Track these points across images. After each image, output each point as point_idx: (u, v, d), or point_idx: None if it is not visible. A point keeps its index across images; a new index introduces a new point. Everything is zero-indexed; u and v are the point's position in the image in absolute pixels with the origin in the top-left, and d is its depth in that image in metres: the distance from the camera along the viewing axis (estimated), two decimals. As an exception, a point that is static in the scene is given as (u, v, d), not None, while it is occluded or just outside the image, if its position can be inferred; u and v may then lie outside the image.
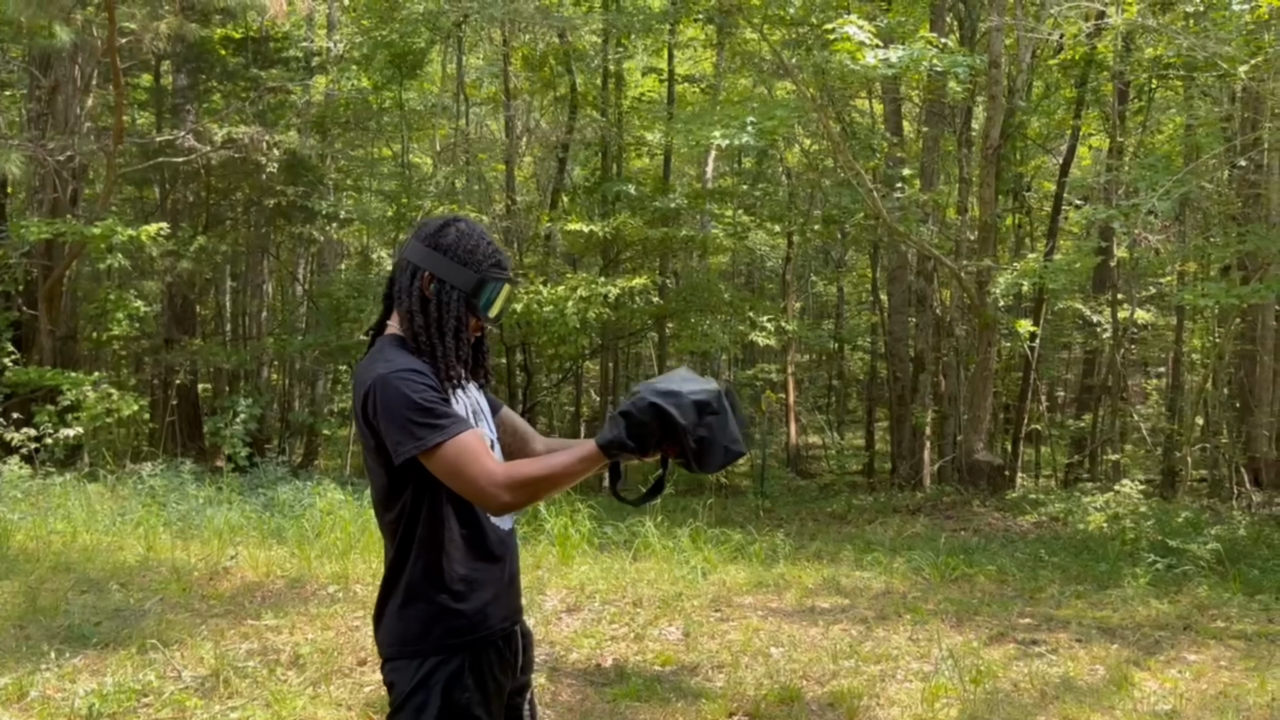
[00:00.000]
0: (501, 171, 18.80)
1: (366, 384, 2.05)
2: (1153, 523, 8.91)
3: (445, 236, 2.16)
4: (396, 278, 2.18)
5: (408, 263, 2.17)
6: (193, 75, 13.15)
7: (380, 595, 2.17)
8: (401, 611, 2.12)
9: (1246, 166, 11.22)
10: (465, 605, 2.12)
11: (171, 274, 11.71)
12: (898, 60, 8.23)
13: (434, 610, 2.10)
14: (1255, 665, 5.28)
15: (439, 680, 2.08)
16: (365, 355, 2.19)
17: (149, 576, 6.43)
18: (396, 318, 2.18)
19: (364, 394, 2.04)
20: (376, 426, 2.03)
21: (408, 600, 2.11)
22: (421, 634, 2.10)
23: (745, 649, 5.41)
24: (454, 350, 2.14)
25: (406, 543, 2.11)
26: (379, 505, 2.16)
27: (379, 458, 2.08)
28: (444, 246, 2.15)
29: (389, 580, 2.15)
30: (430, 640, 2.10)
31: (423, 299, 2.14)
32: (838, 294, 23.93)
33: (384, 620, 2.15)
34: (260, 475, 10.22)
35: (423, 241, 2.17)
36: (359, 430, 2.11)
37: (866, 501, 12.28)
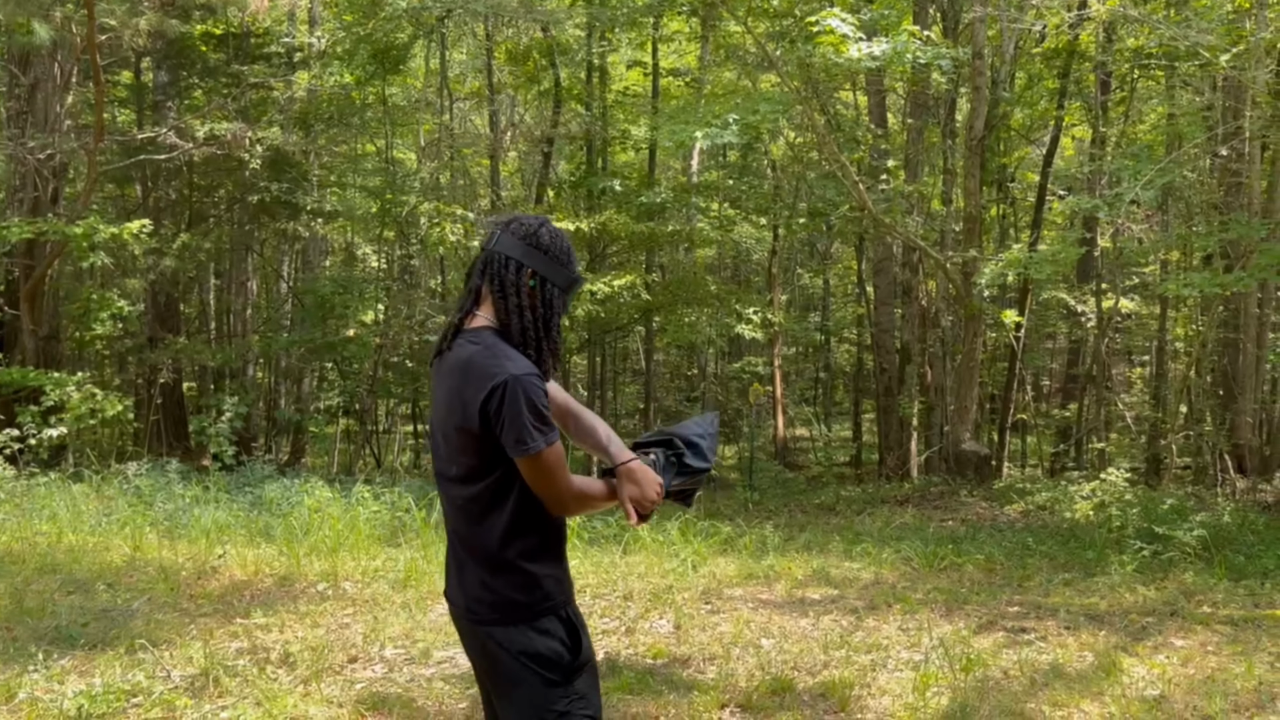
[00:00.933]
0: (486, 167, 18.75)
1: (497, 379, 2.18)
2: (1138, 510, 8.97)
3: (543, 236, 2.32)
4: (494, 272, 2.30)
5: (507, 258, 2.30)
6: (173, 72, 13.04)
7: (461, 561, 2.33)
8: (514, 579, 2.28)
9: (1228, 155, 11.28)
10: (557, 573, 2.34)
11: (154, 272, 11.62)
12: (881, 53, 8.24)
13: (541, 576, 2.30)
14: (1241, 650, 5.32)
15: (559, 630, 2.30)
16: (468, 346, 2.28)
17: (136, 576, 6.39)
18: (488, 309, 2.31)
19: (492, 388, 2.17)
20: (493, 418, 2.18)
21: (522, 568, 2.28)
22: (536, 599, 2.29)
23: (736, 640, 5.42)
24: (557, 344, 2.34)
25: (494, 518, 2.27)
26: (460, 482, 2.30)
27: (477, 442, 2.22)
28: (544, 246, 2.31)
29: (470, 551, 2.30)
30: (540, 601, 2.29)
31: (530, 294, 2.29)
32: (823, 286, 23.98)
33: (472, 588, 2.30)
34: (247, 474, 10.18)
35: (522, 239, 2.31)
36: (461, 412, 2.22)
37: (855, 493, 12.32)
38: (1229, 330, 12.43)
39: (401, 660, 4.94)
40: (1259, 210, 10.78)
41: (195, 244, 11.90)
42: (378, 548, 7.30)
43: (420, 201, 12.94)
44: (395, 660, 4.93)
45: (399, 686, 4.56)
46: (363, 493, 8.55)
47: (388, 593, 6.19)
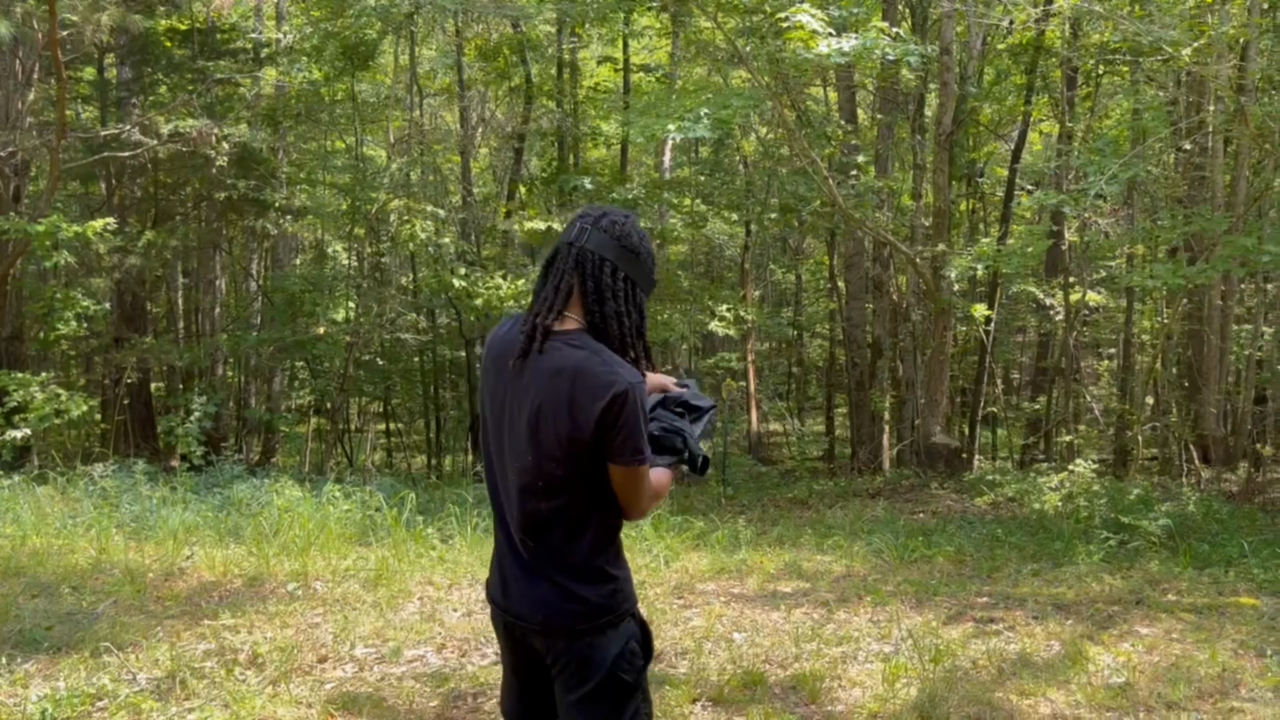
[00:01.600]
0: (457, 163, 18.65)
1: (618, 387, 2.13)
2: (1105, 501, 9.08)
3: (634, 238, 2.26)
4: (589, 272, 2.22)
5: (602, 259, 2.22)
6: (137, 68, 12.85)
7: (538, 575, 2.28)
8: (596, 580, 2.27)
9: (1191, 150, 11.42)
10: (629, 575, 2.36)
11: (120, 271, 11.46)
12: (850, 49, 8.27)
13: (620, 578, 2.32)
14: (1205, 637, 5.40)
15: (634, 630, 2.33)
16: (571, 350, 2.21)
17: (101, 579, 6.31)
18: (577, 309, 2.24)
19: (613, 396, 2.12)
20: (610, 426, 2.14)
21: (603, 569, 2.28)
22: (617, 597, 2.30)
23: (708, 635, 5.43)
24: (649, 349, 2.31)
25: (580, 523, 2.24)
26: (545, 493, 2.23)
27: (581, 451, 2.17)
28: (636, 248, 2.26)
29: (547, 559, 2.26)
30: (621, 600, 2.31)
31: (628, 301, 2.25)
32: (796, 282, 24.07)
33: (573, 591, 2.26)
34: (216, 474, 10.08)
35: (616, 240, 2.24)
36: (571, 420, 2.16)
37: (827, 486, 12.39)
38: (1193, 322, 12.60)
39: (372, 659, 4.91)
40: (1222, 204, 10.93)
41: (161, 242, 11.76)
42: (348, 547, 7.25)
43: (390, 198, 12.86)
44: (366, 659, 4.90)
45: (369, 686, 4.53)
46: (334, 492, 8.50)
47: (358, 592, 6.15)
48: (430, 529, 7.67)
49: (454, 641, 5.21)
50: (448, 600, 6.04)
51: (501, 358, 2.31)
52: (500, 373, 2.30)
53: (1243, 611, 5.94)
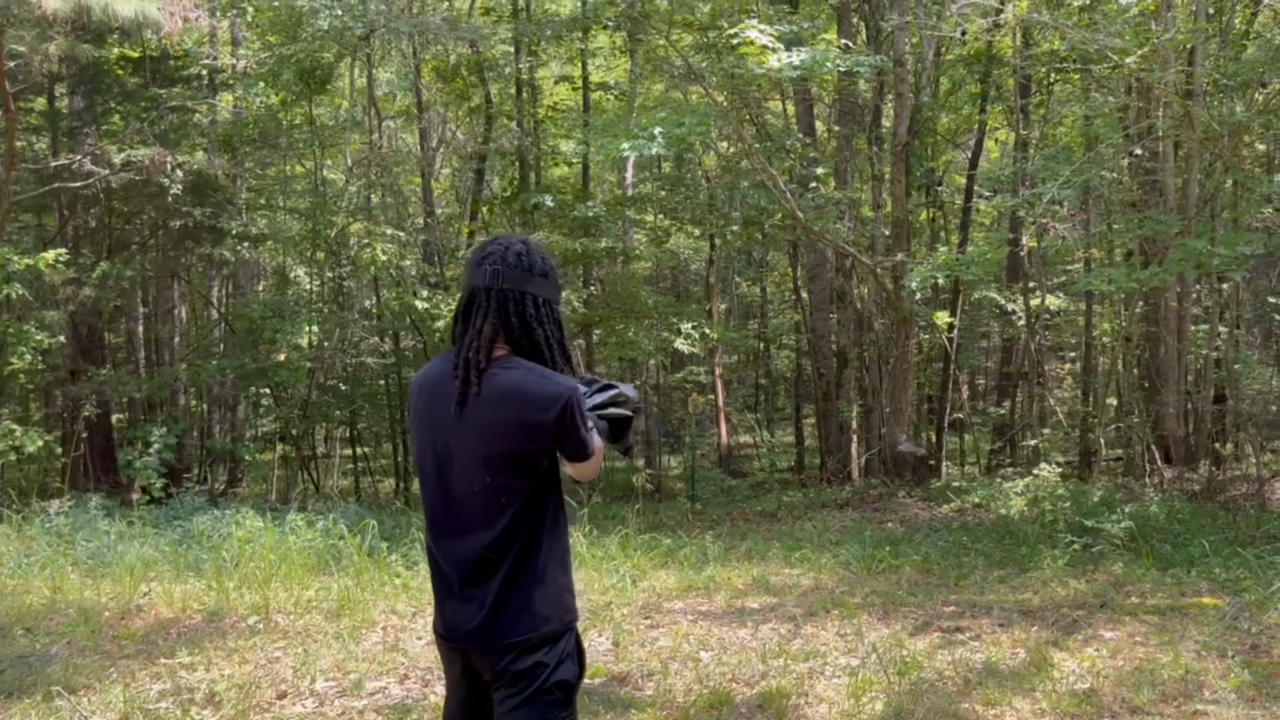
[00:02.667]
0: (419, 185, 18.55)
1: (561, 397, 2.28)
2: (1070, 504, 9.15)
3: (537, 262, 2.39)
4: (513, 311, 2.35)
5: (521, 294, 2.36)
6: (89, 97, 12.68)
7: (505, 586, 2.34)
8: (547, 588, 2.36)
9: (1142, 155, 11.59)
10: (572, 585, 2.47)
11: (74, 303, 11.27)
12: (801, 63, 8.33)
13: (567, 585, 2.43)
14: (1169, 639, 5.43)
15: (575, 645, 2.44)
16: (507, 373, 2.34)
17: (56, 619, 6.17)
18: (503, 344, 2.37)
19: (561, 407, 2.28)
20: (564, 430, 2.30)
21: (554, 577, 2.38)
22: (566, 605, 2.41)
23: (675, 655, 5.40)
24: (569, 355, 2.44)
25: (534, 535, 2.35)
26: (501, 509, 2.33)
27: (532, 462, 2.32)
28: (542, 269, 2.40)
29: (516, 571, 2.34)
30: (568, 610, 2.41)
31: (549, 321, 2.39)
32: (761, 294, 24.16)
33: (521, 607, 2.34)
34: (177, 506, 9.90)
35: (525, 271, 2.37)
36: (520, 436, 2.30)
37: (796, 498, 12.39)
38: (1150, 324, 12.76)
39: (333, 693, 4.83)
40: (1175, 207, 11.09)
41: (116, 272, 11.57)
42: (311, 577, 7.14)
43: (349, 222, 12.76)
44: (326, 694, 4.82)
45: (329, 721, 4.45)
46: (297, 520, 8.37)
47: (320, 623, 6.06)
48: (395, 555, 7.58)
49: (417, 671, 5.14)
50: (411, 628, 5.96)
51: (436, 400, 2.41)
52: (439, 417, 2.40)
53: (1205, 612, 5.98)
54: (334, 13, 11.34)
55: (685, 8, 11.43)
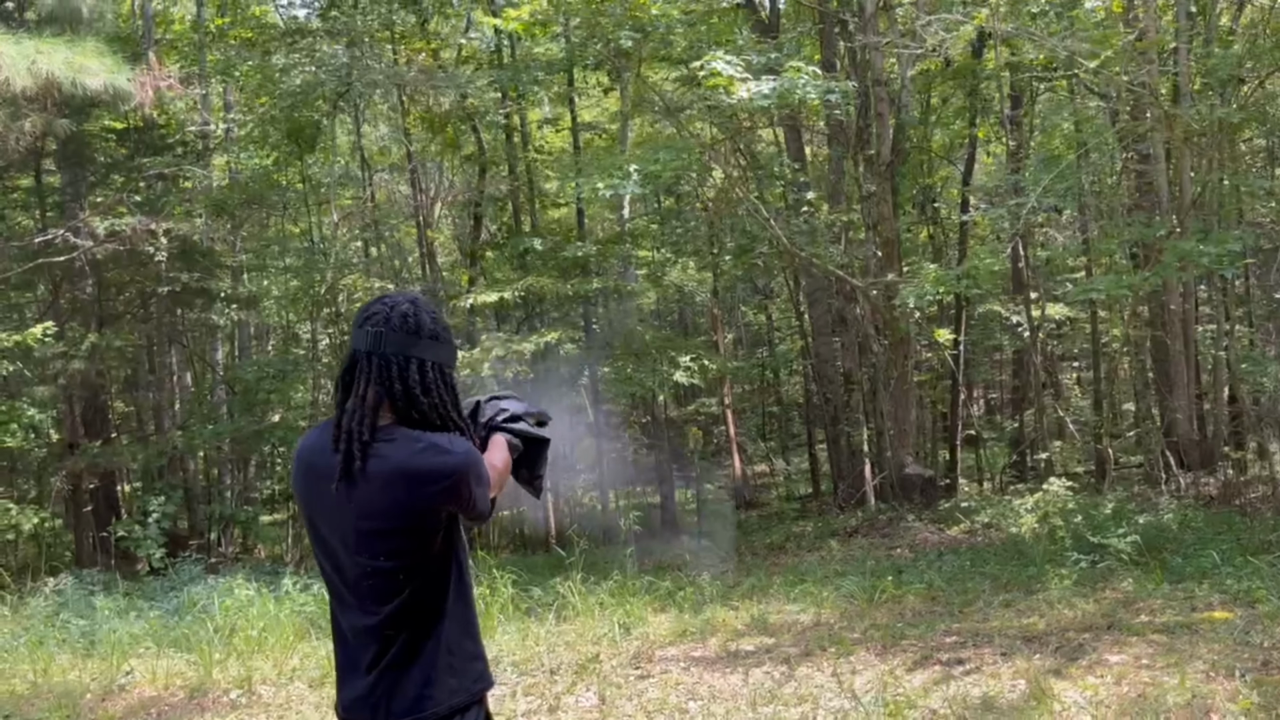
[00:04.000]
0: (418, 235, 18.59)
1: (454, 466, 2.14)
2: (1080, 518, 8.89)
3: (425, 322, 2.23)
4: (394, 376, 2.18)
5: (406, 359, 2.19)
6: (73, 170, 12.78)
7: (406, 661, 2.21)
8: (442, 664, 2.21)
9: (1131, 156, 11.42)
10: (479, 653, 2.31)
11: (64, 376, 11.27)
12: (770, 91, 8.25)
13: (465, 661, 2.25)
14: (1175, 661, 5.20)
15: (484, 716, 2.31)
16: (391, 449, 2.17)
17: (36, 704, 6.04)
18: (388, 412, 2.20)
19: (455, 478, 2.14)
20: (462, 499, 2.16)
21: (448, 653, 2.22)
22: (466, 683, 2.25)
23: (663, 707, 5.22)
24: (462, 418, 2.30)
25: (436, 605, 2.20)
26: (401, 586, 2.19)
27: (434, 536, 2.17)
28: (431, 331, 2.24)
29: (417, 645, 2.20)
30: (469, 686, 2.25)
31: (441, 387, 2.23)
32: (767, 322, 24.00)
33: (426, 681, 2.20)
34: (174, 577, 9.80)
35: (411, 334, 2.20)
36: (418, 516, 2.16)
37: (806, 528, 12.17)
38: (1156, 328, 12.51)
39: (305, 769, 4.67)
40: (1168, 209, 10.89)
41: (106, 343, 11.58)
42: (300, 642, 7.00)
43: (339, 276, 12.75)
44: (297, 770, 4.66)
45: (296, 801, 4.29)
46: (290, 585, 8.25)
47: (304, 692, 5.92)
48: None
49: (393, 741, 4.96)
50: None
51: (318, 476, 2.24)
52: (320, 494, 2.23)
53: (1216, 628, 5.74)
54: (306, 69, 11.38)
55: (662, 43, 11.41)
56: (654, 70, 13.33)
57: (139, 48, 11.78)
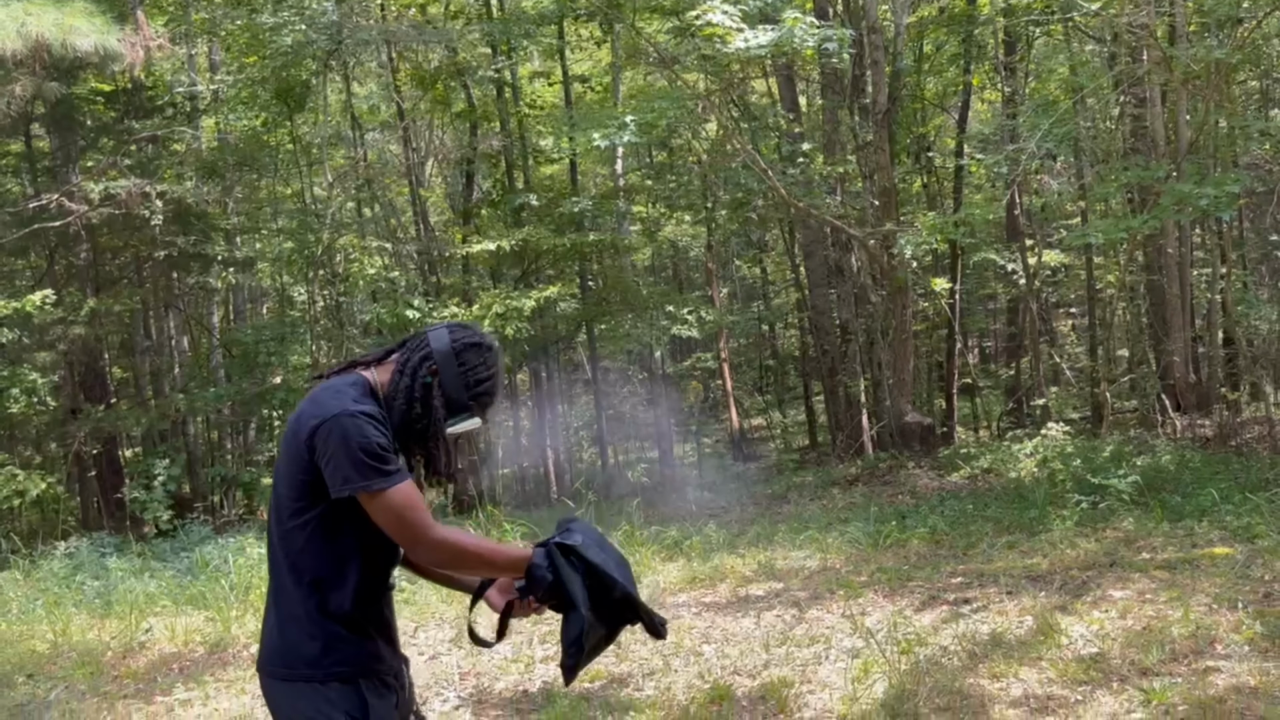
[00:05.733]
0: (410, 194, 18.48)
1: (321, 417, 2.10)
2: (1079, 462, 8.99)
3: (467, 353, 2.27)
4: (410, 348, 2.27)
5: (426, 343, 2.27)
6: (63, 134, 12.65)
7: (268, 610, 2.22)
8: (301, 629, 2.16)
9: (1128, 100, 11.39)
10: (361, 639, 2.19)
11: (64, 342, 11.25)
12: (767, 41, 8.20)
13: (332, 638, 2.16)
14: (1178, 595, 5.31)
15: (344, 702, 2.15)
16: (321, 384, 2.25)
17: (59, 663, 6.13)
18: (383, 371, 2.26)
19: (315, 426, 2.10)
20: (323, 455, 2.09)
21: (311, 619, 2.16)
22: (318, 656, 2.15)
23: (677, 651, 5.31)
24: (435, 454, 2.26)
25: (299, 569, 2.15)
26: (279, 520, 2.18)
27: (297, 484, 2.14)
28: (463, 360, 2.26)
29: (277, 599, 2.19)
30: (325, 664, 2.15)
31: (424, 387, 2.22)
32: (761, 275, 24.01)
33: (268, 637, 2.21)
34: (183, 538, 9.87)
35: (451, 342, 2.27)
36: (289, 451, 2.17)
37: (806, 478, 12.28)
38: (1153, 273, 12.57)
39: (330, 718, 4.76)
40: (1164, 152, 10.89)
41: (105, 308, 11.54)
42: (314, 599, 7.08)
43: (335, 237, 12.70)
44: (323, 719, 4.75)
45: (325, 747, 4.38)
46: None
47: (322, 646, 6.00)
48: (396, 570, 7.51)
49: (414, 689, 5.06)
50: (413, 644, 5.89)
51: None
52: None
53: (1216, 563, 5.86)
54: (296, 28, 11.24)
55: (653, -7, 11.31)
56: (646, 21, 13.18)
57: (126, 7, 11.60)
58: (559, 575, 2.10)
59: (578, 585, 2.10)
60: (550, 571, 2.11)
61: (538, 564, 2.12)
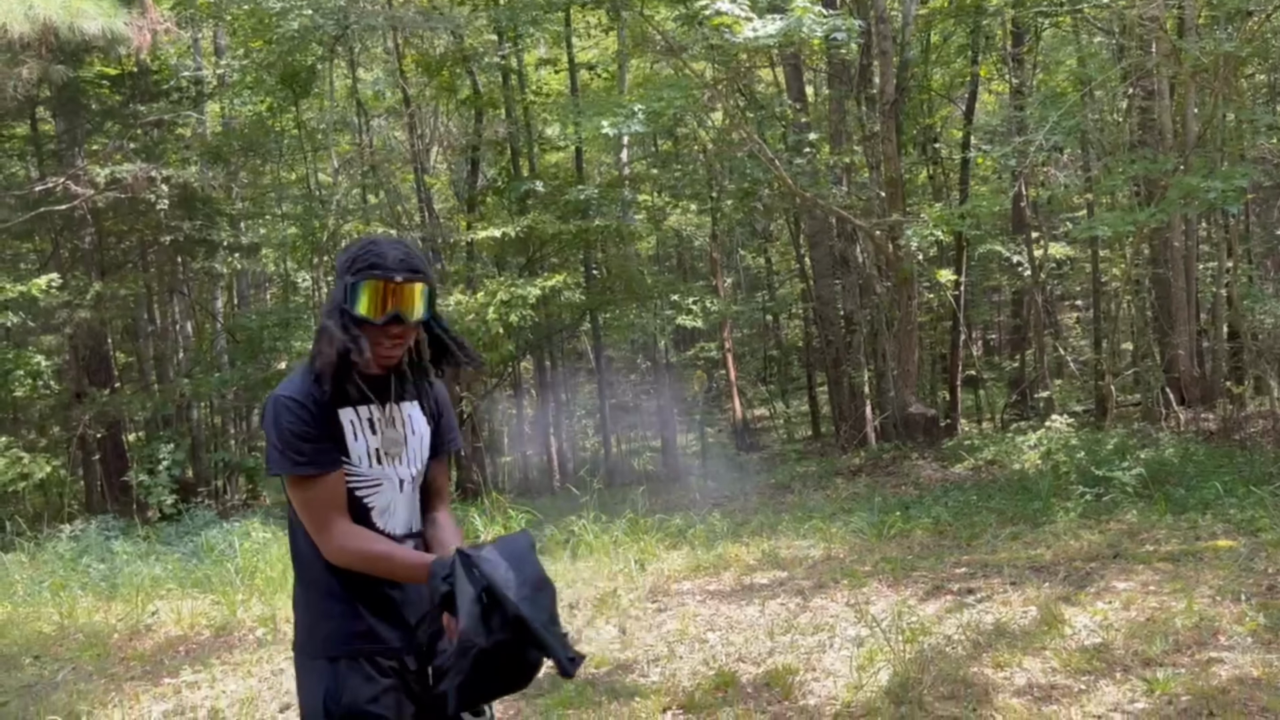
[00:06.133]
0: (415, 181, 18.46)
1: (267, 397, 2.19)
2: (1083, 454, 9.01)
3: (338, 258, 2.22)
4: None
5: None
6: (69, 118, 12.64)
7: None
8: (298, 606, 2.24)
9: (1136, 94, 11.35)
10: (345, 617, 2.17)
11: (70, 325, 11.27)
12: (776, 30, 8.18)
13: (315, 615, 2.20)
14: (1182, 586, 5.32)
15: (322, 681, 2.16)
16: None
17: (65, 645, 6.16)
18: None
19: (265, 418, 2.17)
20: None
21: (302, 598, 2.23)
22: (308, 633, 2.21)
23: (682, 638, 5.33)
24: (330, 365, 2.12)
25: (292, 548, 2.25)
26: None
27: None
28: (336, 268, 2.21)
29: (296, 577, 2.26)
30: (313, 643, 2.20)
31: (327, 314, 2.20)
32: (766, 265, 23.98)
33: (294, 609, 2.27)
34: (187, 522, 9.92)
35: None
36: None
37: (809, 468, 12.30)
38: (1158, 266, 12.55)
39: (336, 701, 4.78)
40: (1172, 145, 10.87)
41: (110, 292, 11.56)
42: (319, 584, 7.11)
43: (340, 224, 12.71)
44: (330, 702, 4.77)
45: (331, 730, 4.41)
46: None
47: (328, 630, 6.03)
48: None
49: (421, 673, 5.09)
50: (418, 629, 5.91)
51: None
52: None
53: (1220, 555, 5.87)
54: (303, 13, 11.22)
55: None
56: (654, 9, 13.14)
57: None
58: (453, 588, 1.92)
59: (467, 600, 1.88)
60: (447, 582, 1.93)
61: (434, 573, 1.97)
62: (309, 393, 2.13)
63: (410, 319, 2.16)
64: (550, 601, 1.96)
